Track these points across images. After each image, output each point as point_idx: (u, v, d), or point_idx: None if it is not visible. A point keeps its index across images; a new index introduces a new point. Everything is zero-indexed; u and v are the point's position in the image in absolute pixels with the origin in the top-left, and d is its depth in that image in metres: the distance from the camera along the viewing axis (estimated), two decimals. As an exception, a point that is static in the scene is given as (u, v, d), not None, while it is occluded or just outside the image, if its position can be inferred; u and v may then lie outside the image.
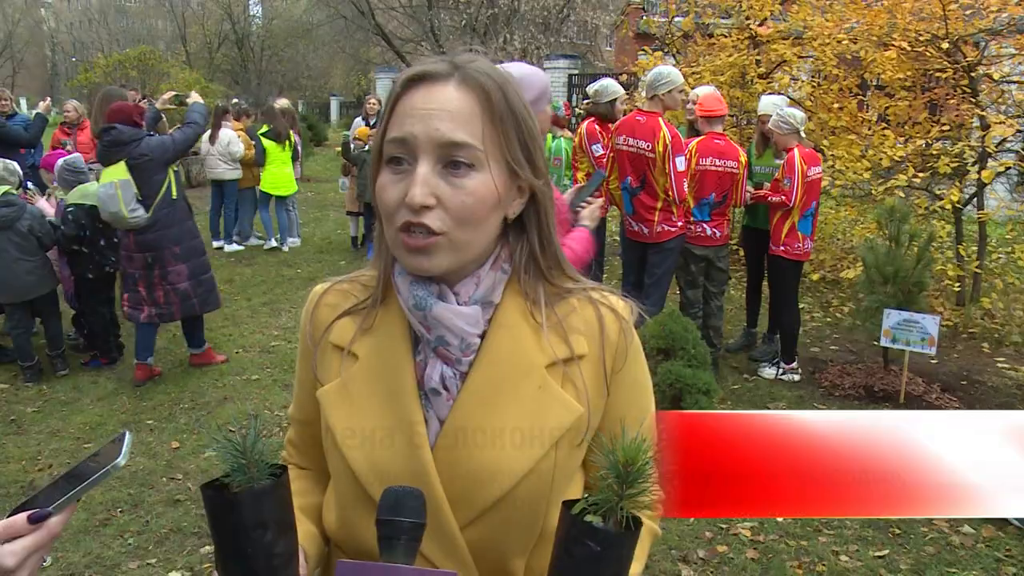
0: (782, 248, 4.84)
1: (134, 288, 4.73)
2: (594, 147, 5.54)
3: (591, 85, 5.81)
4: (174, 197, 4.73)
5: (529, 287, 0.96)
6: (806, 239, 4.85)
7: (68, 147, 6.90)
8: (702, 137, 4.78)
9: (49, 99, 7.60)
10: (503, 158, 0.89)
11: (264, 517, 0.77)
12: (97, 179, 4.90)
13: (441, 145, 0.85)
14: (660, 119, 4.48)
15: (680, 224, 4.64)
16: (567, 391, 0.93)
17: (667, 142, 4.40)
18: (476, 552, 0.91)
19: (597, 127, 5.55)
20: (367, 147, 8.30)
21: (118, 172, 4.53)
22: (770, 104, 5.25)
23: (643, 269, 4.80)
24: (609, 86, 5.61)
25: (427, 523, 0.83)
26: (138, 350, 4.91)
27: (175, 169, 4.84)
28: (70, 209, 4.82)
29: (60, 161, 5.06)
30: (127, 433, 0.83)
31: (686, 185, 4.51)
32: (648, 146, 4.48)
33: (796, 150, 4.68)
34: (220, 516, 0.77)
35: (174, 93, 5.75)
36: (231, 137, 8.28)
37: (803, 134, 4.84)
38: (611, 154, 4.84)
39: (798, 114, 4.85)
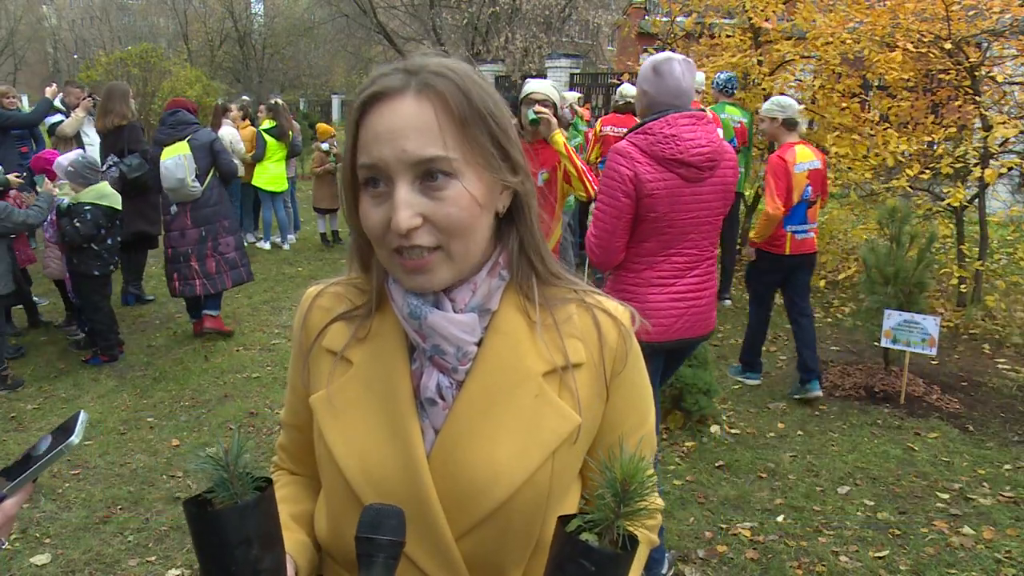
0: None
1: (186, 264, 5.35)
2: None
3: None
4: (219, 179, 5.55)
5: (523, 280, 0.94)
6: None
7: None
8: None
9: (55, 84, 7.49)
10: (477, 160, 0.86)
11: (248, 533, 0.75)
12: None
13: (413, 164, 0.82)
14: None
15: None
16: (564, 399, 0.91)
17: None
18: (471, 563, 0.90)
19: None
20: (325, 144, 8.53)
21: (182, 148, 5.24)
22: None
23: None
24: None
25: (422, 533, 0.82)
26: (190, 312, 5.80)
27: None
28: (88, 208, 4.78)
29: (76, 156, 4.93)
30: (82, 412, 0.82)
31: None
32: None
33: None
34: (203, 533, 0.75)
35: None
36: (233, 135, 8.27)
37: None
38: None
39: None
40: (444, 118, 0.84)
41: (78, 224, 4.74)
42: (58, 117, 7.05)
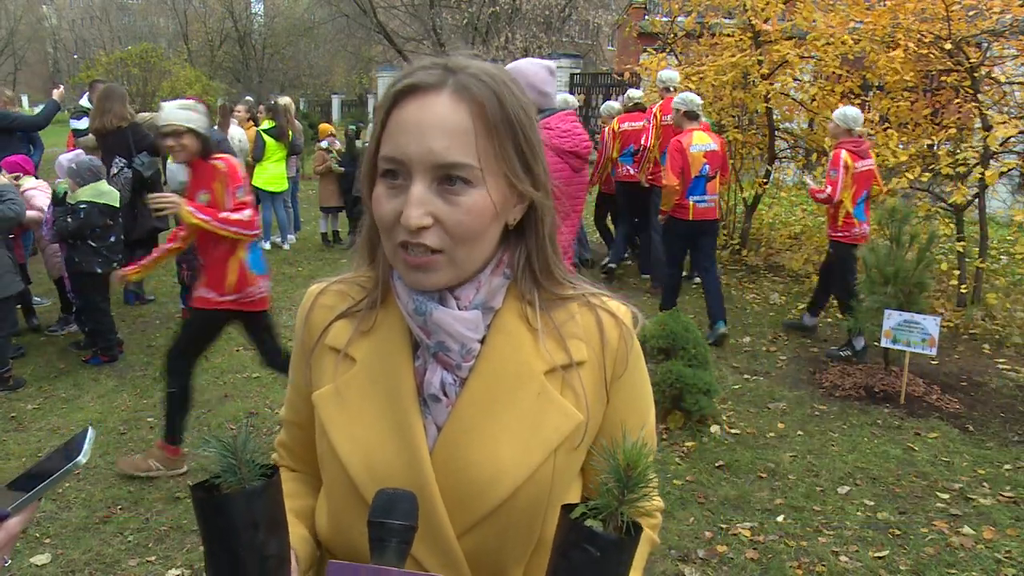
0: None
1: (193, 255, 5.52)
2: None
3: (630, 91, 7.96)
4: None
5: (526, 290, 0.94)
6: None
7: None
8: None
9: (62, 87, 7.42)
10: (501, 171, 0.86)
11: (255, 518, 0.75)
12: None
13: (436, 165, 0.82)
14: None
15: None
16: (567, 398, 0.91)
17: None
18: (473, 560, 0.90)
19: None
20: (325, 142, 8.56)
21: None
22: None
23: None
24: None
25: (424, 530, 0.81)
26: (183, 299, 5.88)
27: None
28: (83, 206, 4.81)
29: (77, 155, 5.06)
30: (90, 429, 0.81)
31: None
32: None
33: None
34: (210, 517, 0.76)
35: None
36: (241, 135, 8.29)
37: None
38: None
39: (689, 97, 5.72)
40: (478, 124, 0.83)
41: (70, 219, 4.78)
42: (85, 122, 6.99)
